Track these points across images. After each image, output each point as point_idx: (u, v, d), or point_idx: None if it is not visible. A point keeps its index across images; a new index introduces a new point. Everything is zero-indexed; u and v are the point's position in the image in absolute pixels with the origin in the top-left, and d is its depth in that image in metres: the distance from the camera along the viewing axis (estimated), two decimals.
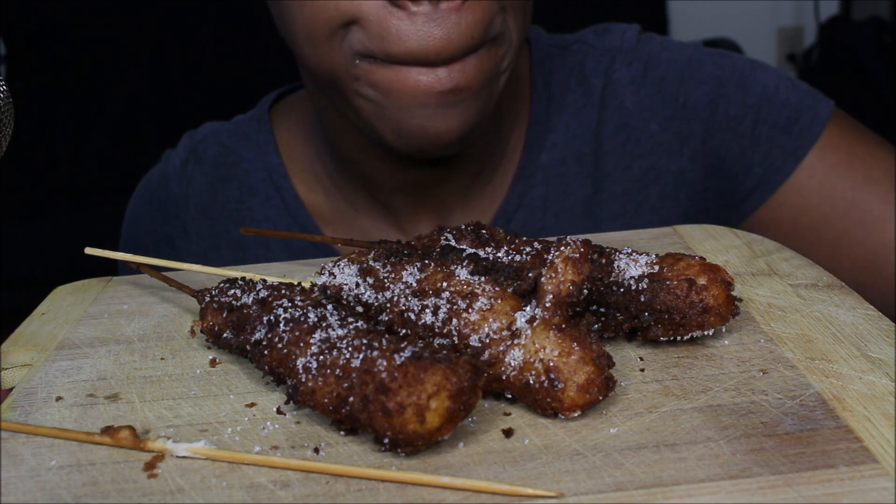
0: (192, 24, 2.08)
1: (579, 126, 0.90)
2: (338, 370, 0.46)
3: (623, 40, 0.93)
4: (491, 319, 0.48)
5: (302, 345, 0.48)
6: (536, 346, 0.47)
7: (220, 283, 0.58)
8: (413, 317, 0.51)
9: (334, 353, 0.47)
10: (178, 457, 0.46)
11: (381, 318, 0.53)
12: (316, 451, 0.46)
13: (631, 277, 0.54)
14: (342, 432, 0.47)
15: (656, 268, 0.54)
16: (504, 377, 0.47)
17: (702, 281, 0.52)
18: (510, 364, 0.47)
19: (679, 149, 0.90)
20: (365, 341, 0.46)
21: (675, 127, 0.90)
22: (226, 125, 0.99)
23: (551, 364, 0.46)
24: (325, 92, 0.81)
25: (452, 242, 0.59)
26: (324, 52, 0.74)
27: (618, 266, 0.55)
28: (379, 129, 0.77)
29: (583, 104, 0.91)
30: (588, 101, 0.91)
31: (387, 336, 0.47)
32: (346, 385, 0.45)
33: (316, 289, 0.56)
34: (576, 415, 0.46)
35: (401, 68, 0.72)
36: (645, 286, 0.53)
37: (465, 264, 0.52)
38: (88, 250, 0.66)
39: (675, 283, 0.52)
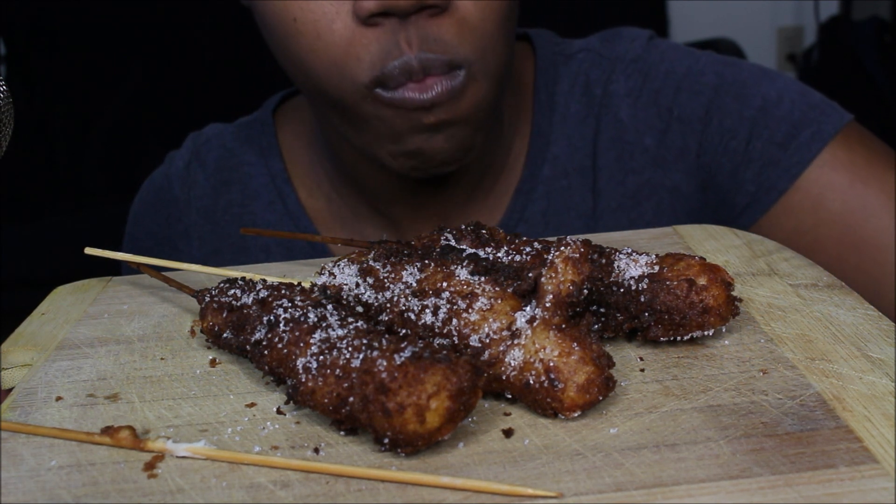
0: (193, 24, 2.08)
1: (581, 139, 0.89)
2: (338, 370, 0.46)
3: (629, 49, 0.90)
4: (491, 319, 0.48)
5: (302, 345, 0.48)
6: (536, 346, 0.47)
7: (220, 283, 0.58)
8: (413, 317, 0.51)
9: (334, 353, 0.47)
10: (178, 457, 0.46)
11: (381, 318, 0.53)
12: (316, 451, 0.46)
13: (631, 277, 0.54)
14: (342, 432, 0.47)
15: (656, 268, 0.54)
16: (504, 377, 0.47)
17: (702, 281, 0.52)
18: (510, 364, 0.47)
19: (674, 163, 0.87)
20: (365, 341, 0.46)
21: (670, 141, 0.87)
22: (229, 127, 0.98)
23: (551, 364, 0.46)
24: (326, 113, 0.81)
25: (452, 242, 0.59)
26: (335, 87, 0.75)
27: (618, 266, 0.55)
28: (376, 152, 0.78)
29: (585, 115, 0.89)
30: (590, 112, 0.89)
31: (387, 336, 0.47)
32: (346, 385, 0.45)
33: (316, 289, 0.56)
34: (576, 415, 0.46)
35: (399, 97, 0.73)
36: (645, 286, 0.53)
37: (465, 264, 0.52)
38: (88, 250, 0.66)
39: (675, 283, 0.52)
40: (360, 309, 0.55)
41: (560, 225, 0.88)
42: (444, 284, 0.51)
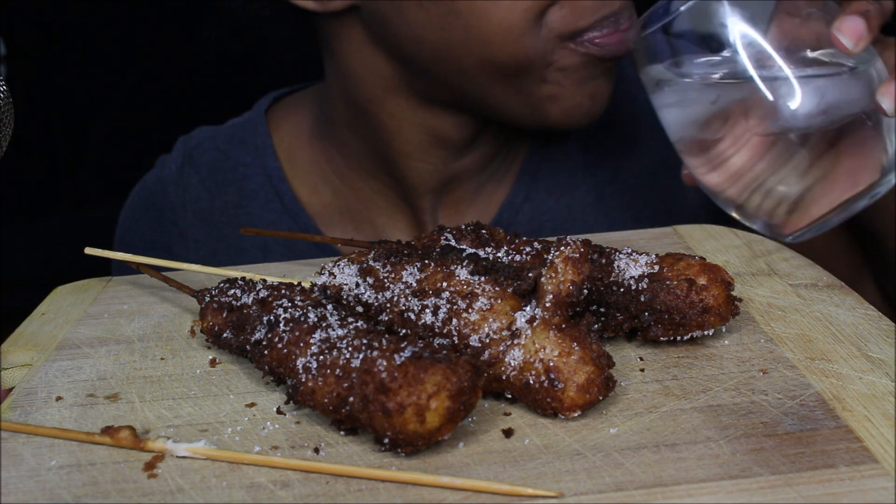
0: (192, 24, 2.08)
1: None
2: (338, 370, 0.46)
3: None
4: (491, 319, 0.48)
5: (302, 345, 0.48)
6: (536, 346, 0.47)
7: (220, 283, 0.58)
8: (413, 317, 0.51)
9: (334, 353, 0.47)
10: (178, 457, 0.46)
11: (381, 318, 0.53)
12: (316, 451, 0.46)
13: (631, 277, 0.54)
14: (342, 432, 0.47)
15: (656, 268, 0.54)
16: (504, 377, 0.47)
17: (702, 281, 0.52)
18: (510, 364, 0.47)
19: None
20: (365, 341, 0.46)
21: None
22: (220, 129, 0.99)
23: (551, 364, 0.46)
24: (480, 84, 0.81)
25: (452, 242, 0.59)
26: (523, 43, 0.76)
27: (618, 266, 0.55)
28: (548, 110, 0.81)
29: None
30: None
31: (387, 336, 0.47)
32: (346, 385, 0.45)
33: (316, 289, 0.56)
34: (576, 415, 0.46)
35: (589, 43, 0.77)
36: (645, 286, 0.53)
37: (465, 264, 0.52)
38: (88, 250, 0.66)
39: (675, 283, 0.52)
40: (360, 309, 0.55)
41: (572, 201, 0.91)
42: (444, 284, 0.51)
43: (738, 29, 0.65)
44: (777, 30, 0.65)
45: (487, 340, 0.48)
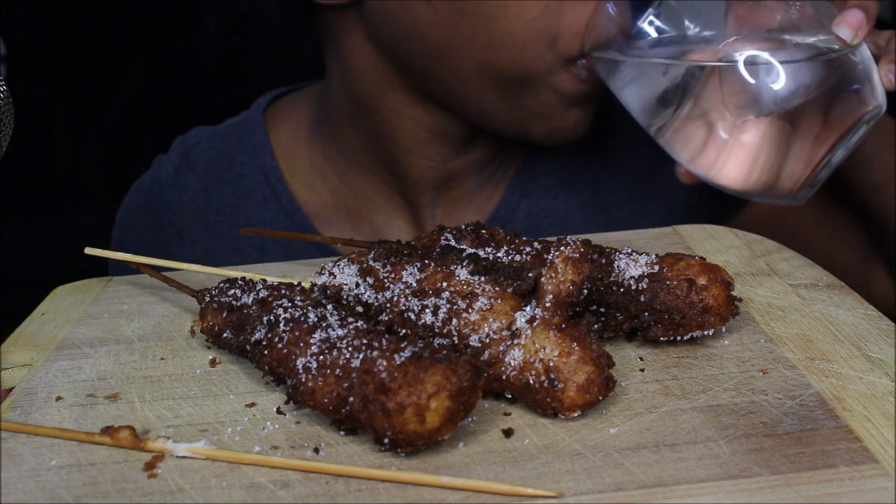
0: (192, 25, 2.08)
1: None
2: (338, 370, 0.46)
3: None
4: (491, 319, 0.48)
5: (302, 345, 0.48)
6: (536, 346, 0.47)
7: (220, 283, 0.58)
8: (413, 317, 0.51)
9: (334, 353, 0.47)
10: (178, 457, 0.46)
11: (381, 318, 0.53)
12: (316, 451, 0.46)
13: (631, 277, 0.54)
14: (342, 432, 0.47)
15: (656, 268, 0.54)
16: (504, 377, 0.47)
17: (702, 281, 0.52)
18: (510, 364, 0.47)
19: None
20: (365, 341, 0.46)
21: None
22: (218, 129, 0.99)
23: (551, 364, 0.46)
24: (476, 93, 0.82)
25: (452, 242, 0.59)
26: (526, 55, 0.77)
27: (618, 266, 0.55)
28: (533, 127, 0.83)
29: None
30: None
31: (387, 336, 0.47)
32: (346, 385, 0.45)
33: (316, 289, 0.56)
34: (576, 415, 0.46)
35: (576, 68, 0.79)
36: (645, 286, 0.53)
37: (465, 264, 0.52)
38: (88, 250, 0.66)
39: (675, 283, 0.52)
40: (360, 309, 0.55)
41: (569, 197, 0.92)
42: (444, 284, 0.51)
43: (700, 20, 0.67)
44: (733, 20, 0.67)
45: (487, 340, 0.48)
